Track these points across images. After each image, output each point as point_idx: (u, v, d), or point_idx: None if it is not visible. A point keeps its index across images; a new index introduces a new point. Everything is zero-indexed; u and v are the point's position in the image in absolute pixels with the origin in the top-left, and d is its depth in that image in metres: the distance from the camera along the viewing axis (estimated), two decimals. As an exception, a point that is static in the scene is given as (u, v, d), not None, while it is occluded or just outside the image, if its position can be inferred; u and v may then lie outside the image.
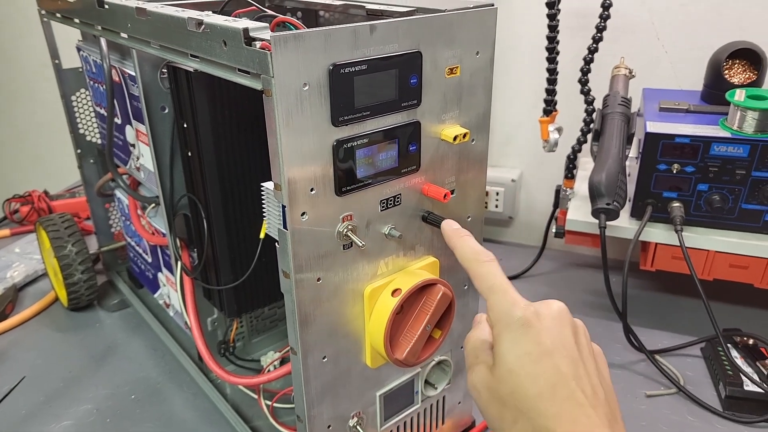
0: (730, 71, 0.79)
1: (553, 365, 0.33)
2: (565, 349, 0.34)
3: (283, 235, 0.42)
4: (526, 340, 0.34)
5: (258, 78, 0.38)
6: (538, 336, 0.34)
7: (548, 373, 0.33)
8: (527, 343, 0.34)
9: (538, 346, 0.33)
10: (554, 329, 0.34)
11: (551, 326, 0.34)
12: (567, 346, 0.34)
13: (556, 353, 0.33)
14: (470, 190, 0.53)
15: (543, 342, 0.34)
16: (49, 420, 0.69)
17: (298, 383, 0.47)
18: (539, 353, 0.33)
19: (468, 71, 0.48)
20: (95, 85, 0.77)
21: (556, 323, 0.35)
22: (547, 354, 0.33)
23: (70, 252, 0.83)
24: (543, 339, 0.34)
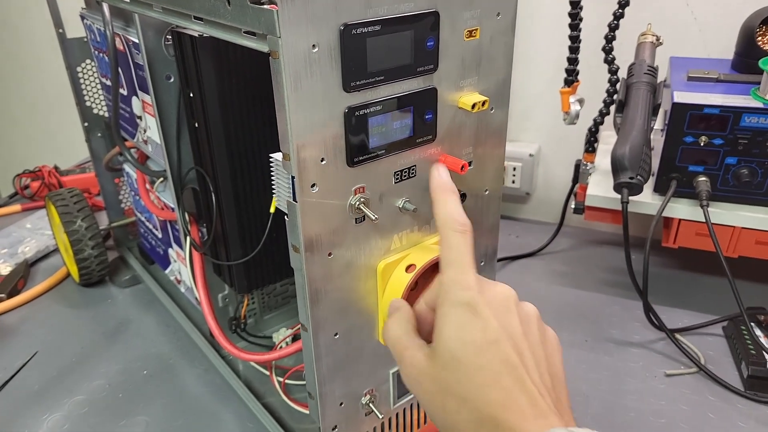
0: (763, 38, 0.74)
1: (498, 354, 0.32)
2: (511, 338, 0.33)
3: (293, 207, 0.40)
4: (472, 327, 0.33)
5: (264, 39, 0.36)
6: (485, 323, 0.33)
7: (493, 362, 0.32)
8: (473, 330, 0.33)
9: (483, 334, 0.33)
10: (501, 316, 0.34)
11: (498, 313, 0.34)
12: (513, 334, 0.33)
13: (502, 342, 0.33)
14: (488, 163, 0.50)
15: (489, 329, 0.33)
16: (61, 395, 0.68)
17: (309, 360, 0.46)
18: (485, 341, 0.32)
19: (488, 34, 0.45)
20: (100, 56, 0.75)
21: (503, 311, 0.34)
22: (493, 342, 0.32)
23: (80, 227, 0.82)
24: (489, 326, 0.33)
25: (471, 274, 0.35)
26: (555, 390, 0.33)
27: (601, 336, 0.75)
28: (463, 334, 0.33)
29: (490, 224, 0.54)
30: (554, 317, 0.79)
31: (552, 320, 0.78)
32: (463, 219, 0.37)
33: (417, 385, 0.35)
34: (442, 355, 0.33)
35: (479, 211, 0.52)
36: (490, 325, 0.33)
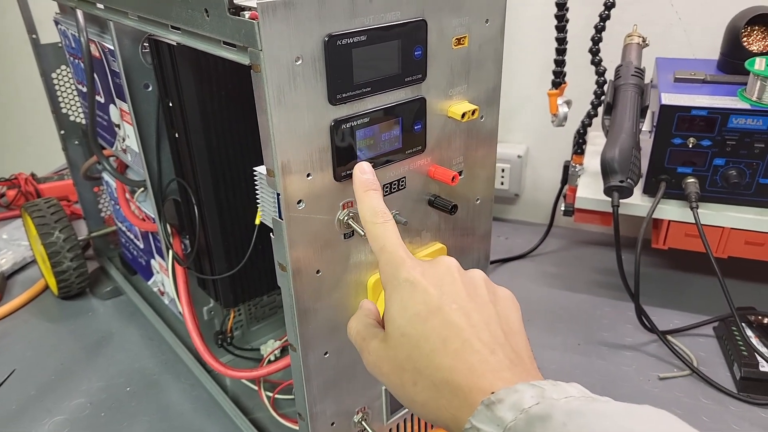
0: (749, 38, 0.74)
1: (443, 319, 0.32)
2: (455, 303, 0.33)
3: (278, 225, 0.39)
4: (413, 301, 0.33)
5: (245, 52, 0.34)
6: (425, 294, 0.33)
7: (439, 327, 0.32)
8: (415, 303, 0.33)
9: (425, 305, 0.33)
10: (443, 285, 0.34)
11: (438, 282, 0.34)
12: (457, 299, 0.33)
13: (445, 307, 0.33)
14: (479, 171, 0.49)
15: (430, 299, 0.33)
16: (41, 415, 0.66)
17: (298, 380, 0.45)
18: (428, 311, 0.33)
19: (477, 41, 0.44)
20: (76, 62, 0.72)
21: (445, 279, 0.34)
22: (436, 310, 0.33)
23: (58, 239, 0.80)
24: (430, 296, 0.33)
25: (403, 254, 0.35)
26: (510, 344, 0.33)
27: (594, 339, 0.75)
28: (406, 309, 0.34)
29: (483, 232, 0.53)
30: (547, 320, 0.79)
31: (545, 323, 0.79)
32: (383, 210, 0.37)
33: (377, 369, 0.35)
34: (392, 334, 0.34)
35: (471, 219, 0.51)
36: (430, 294, 0.33)
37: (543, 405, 0.27)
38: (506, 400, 0.28)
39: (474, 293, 0.34)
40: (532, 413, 0.27)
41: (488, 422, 0.28)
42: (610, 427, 0.25)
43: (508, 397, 0.28)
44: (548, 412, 0.27)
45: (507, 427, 0.27)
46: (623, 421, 0.26)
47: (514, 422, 0.27)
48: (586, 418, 0.26)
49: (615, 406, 0.27)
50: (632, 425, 0.26)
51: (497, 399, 0.28)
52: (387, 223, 0.37)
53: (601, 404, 0.27)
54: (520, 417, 0.27)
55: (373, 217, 0.37)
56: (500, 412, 0.28)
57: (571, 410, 0.26)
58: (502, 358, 0.31)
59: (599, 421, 0.26)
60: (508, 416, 0.27)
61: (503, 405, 0.28)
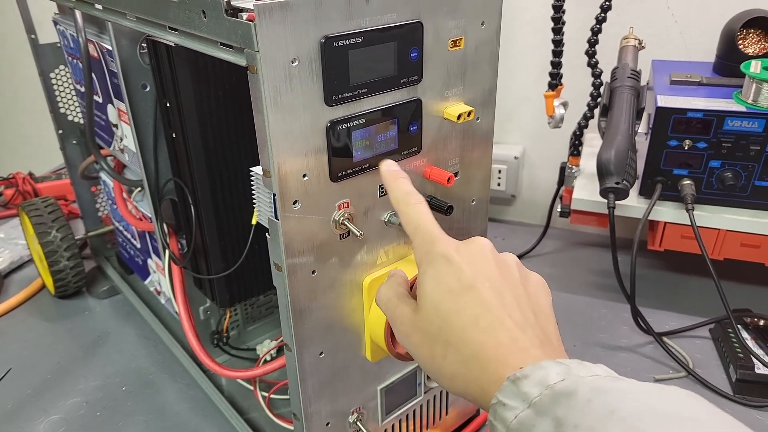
0: (744, 41, 0.75)
1: (475, 297, 0.33)
2: (488, 281, 0.34)
3: (274, 225, 0.39)
4: (448, 276, 0.34)
5: (242, 53, 0.35)
6: (459, 271, 0.34)
7: (471, 304, 0.33)
8: (449, 278, 0.34)
9: (459, 281, 0.34)
10: (476, 263, 0.34)
11: (472, 260, 0.35)
12: (490, 277, 0.34)
13: (478, 285, 0.33)
14: (475, 172, 0.49)
15: (464, 276, 0.34)
16: (36, 414, 0.66)
17: (293, 380, 0.45)
18: (461, 287, 0.34)
19: (473, 43, 0.44)
20: (74, 62, 0.72)
21: (478, 257, 0.35)
22: (469, 287, 0.33)
23: (55, 238, 0.80)
24: (464, 273, 0.34)
25: (438, 232, 0.36)
26: (540, 325, 0.33)
27: (590, 340, 0.75)
28: (440, 283, 0.34)
29: (478, 233, 0.53)
30: (541, 322, 0.79)
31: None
32: (415, 192, 0.38)
33: (408, 339, 0.36)
34: (425, 306, 0.35)
35: (467, 220, 0.51)
36: (464, 271, 0.34)
37: (568, 381, 0.27)
38: (532, 376, 0.28)
39: (507, 273, 0.35)
40: (557, 389, 0.27)
41: (514, 397, 0.28)
42: (634, 404, 0.25)
43: (534, 373, 0.28)
44: (573, 389, 0.27)
45: (532, 402, 0.27)
46: (649, 399, 0.26)
47: (539, 398, 0.27)
48: (611, 395, 0.26)
49: (641, 385, 0.27)
50: (658, 404, 0.25)
51: (523, 375, 0.29)
52: (420, 204, 0.37)
53: (626, 383, 0.27)
54: (546, 393, 0.27)
55: (407, 198, 0.38)
56: (526, 387, 0.28)
57: (596, 387, 0.27)
58: (531, 337, 0.32)
59: (624, 399, 0.26)
60: (534, 391, 0.28)
61: (529, 381, 0.28)
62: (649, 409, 0.25)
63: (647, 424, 0.24)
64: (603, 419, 0.25)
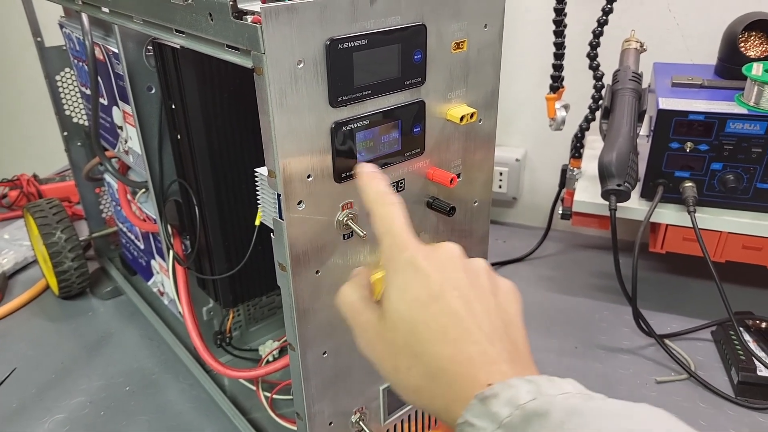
0: (746, 44, 0.75)
1: (443, 306, 0.32)
2: (456, 290, 0.32)
3: (279, 225, 0.39)
4: (414, 285, 0.32)
5: (248, 55, 0.35)
6: (427, 279, 0.32)
7: (438, 315, 0.31)
8: (416, 287, 0.32)
9: (426, 290, 0.32)
10: (444, 271, 0.33)
11: (440, 268, 0.33)
12: (458, 286, 0.33)
13: (446, 294, 0.32)
14: (477, 174, 0.50)
15: (432, 284, 0.32)
16: (41, 414, 0.66)
17: (297, 380, 0.45)
18: (428, 297, 0.32)
19: (476, 46, 0.44)
20: (80, 64, 0.73)
21: (447, 264, 0.33)
22: (437, 297, 0.32)
23: (59, 239, 0.80)
24: (432, 281, 0.32)
25: (407, 237, 0.34)
26: (509, 336, 0.32)
27: (591, 342, 0.75)
28: (407, 292, 0.33)
29: (480, 234, 0.54)
30: (544, 323, 0.79)
31: (541, 327, 0.79)
32: (390, 192, 0.36)
33: (371, 348, 0.34)
34: (390, 316, 0.33)
35: (469, 222, 0.52)
36: (432, 280, 0.32)
37: (539, 401, 0.27)
38: (501, 394, 0.27)
39: (476, 281, 0.34)
40: (528, 409, 0.26)
41: (482, 417, 0.27)
42: (609, 427, 0.25)
43: (503, 392, 0.28)
44: (546, 409, 0.26)
45: (502, 422, 0.26)
46: (623, 421, 0.25)
47: (509, 418, 0.26)
48: (585, 418, 0.25)
49: (613, 404, 0.26)
50: (632, 426, 0.25)
51: (492, 393, 0.28)
52: (395, 206, 0.35)
53: (598, 402, 0.27)
54: (516, 413, 0.26)
55: (381, 198, 0.36)
56: (495, 407, 0.27)
57: (569, 408, 0.26)
58: (500, 350, 0.31)
59: (598, 421, 0.25)
60: (503, 412, 0.27)
61: (498, 400, 0.27)
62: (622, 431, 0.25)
63: None
64: None
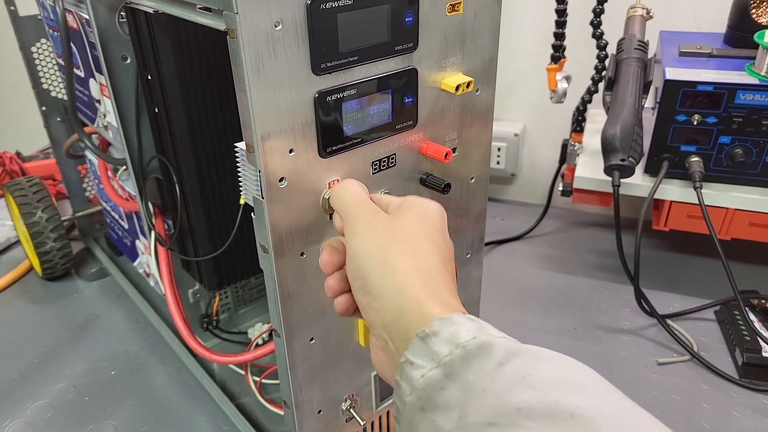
0: (758, 10, 0.71)
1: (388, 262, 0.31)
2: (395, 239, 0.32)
3: (259, 204, 0.36)
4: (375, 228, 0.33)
5: (221, 16, 0.32)
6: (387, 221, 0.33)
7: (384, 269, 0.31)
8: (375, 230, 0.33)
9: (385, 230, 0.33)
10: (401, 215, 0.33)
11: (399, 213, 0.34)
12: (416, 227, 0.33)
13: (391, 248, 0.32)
14: (474, 148, 0.47)
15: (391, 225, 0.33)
16: (23, 399, 0.64)
17: (283, 368, 0.43)
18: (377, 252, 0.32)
19: (472, 8, 0.41)
20: (55, 34, 0.69)
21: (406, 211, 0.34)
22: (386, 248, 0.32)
23: (40, 219, 0.77)
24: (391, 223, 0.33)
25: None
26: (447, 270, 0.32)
27: (591, 323, 0.73)
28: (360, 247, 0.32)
29: (477, 213, 0.51)
30: (543, 303, 0.77)
31: (540, 307, 0.77)
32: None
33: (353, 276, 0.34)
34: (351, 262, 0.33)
35: (465, 200, 0.49)
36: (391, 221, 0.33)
37: (480, 340, 0.26)
38: (442, 332, 0.26)
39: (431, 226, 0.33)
40: (468, 348, 0.25)
41: (422, 355, 0.26)
42: (546, 372, 0.24)
43: (444, 329, 0.27)
44: (486, 349, 0.25)
45: (441, 361, 0.26)
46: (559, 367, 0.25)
47: (449, 357, 0.25)
48: (523, 359, 0.25)
49: (550, 352, 0.26)
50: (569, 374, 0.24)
51: (432, 332, 0.27)
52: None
53: (536, 347, 0.26)
54: (456, 352, 0.26)
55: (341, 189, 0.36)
56: (435, 345, 0.26)
57: (509, 349, 0.25)
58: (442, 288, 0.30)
59: (535, 365, 0.24)
60: (444, 350, 0.26)
61: (438, 338, 0.26)
62: (560, 377, 0.24)
63: (558, 393, 0.23)
64: (513, 385, 0.24)
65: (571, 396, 0.23)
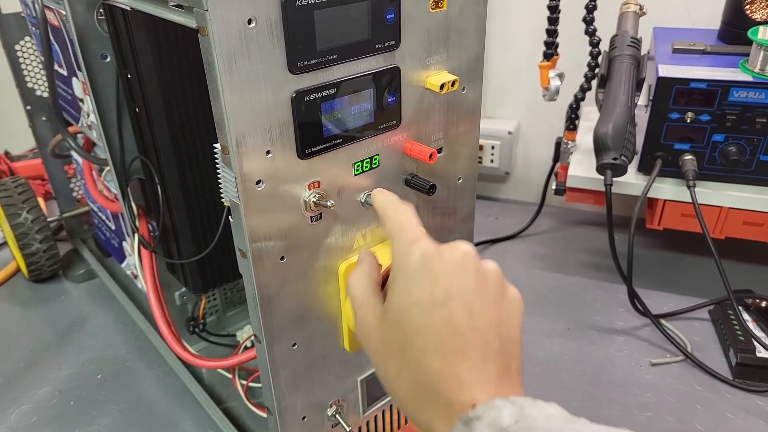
0: (752, 6, 0.70)
1: (443, 317, 0.30)
2: (461, 299, 0.31)
3: (236, 207, 0.35)
4: (419, 286, 0.31)
5: (191, 13, 0.30)
6: (434, 282, 0.31)
7: (437, 325, 0.30)
8: (421, 289, 0.31)
9: (430, 296, 0.31)
10: (453, 275, 0.31)
11: (450, 271, 0.31)
12: (465, 295, 0.31)
13: (450, 303, 0.30)
14: (461, 148, 0.46)
15: (437, 289, 0.31)
16: (7, 404, 0.63)
17: (265, 374, 0.42)
18: (431, 303, 0.31)
19: (457, 5, 0.40)
20: (38, 32, 0.67)
21: (458, 268, 0.32)
22: (440, 304, 0.30)
23: (26, 220, 0.76)
24: (438, 286, 0.31)
25: (420, 233, 0.33)
26: (504, 354, 0.31)
27: (584, 323, 0.72)
28: (411, 294, 0.31)
29: (465, 214, 0.50)
30: (536, 303, 0.76)
31: (533, 307, 0.76)
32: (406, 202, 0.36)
33: (366, 343, 0.34)
34: (390, 315, 0.32)
35: (452, 200, 0.48)
36: (439, 285, 0.31)
37: (522, 424, 0.26)
38: (484, 416, 0.27)
39: (484, 289, 0.32)
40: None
41: None
42: None
43: (486, 413, 0.27)
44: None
45: None
46: None
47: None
48: None
49: (596, 428, 0.26)
50: None
51: (475, 416, 0.27)
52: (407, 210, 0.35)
53: (580, 425, 0.26)
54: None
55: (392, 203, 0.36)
56: (478, 429, 0.27)
57: (551, 430, 0.26)
58: (491, 370, 0.30)
59: None
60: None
61: (481, 422, 0.27)
62: None
63: None
64: None
65: None
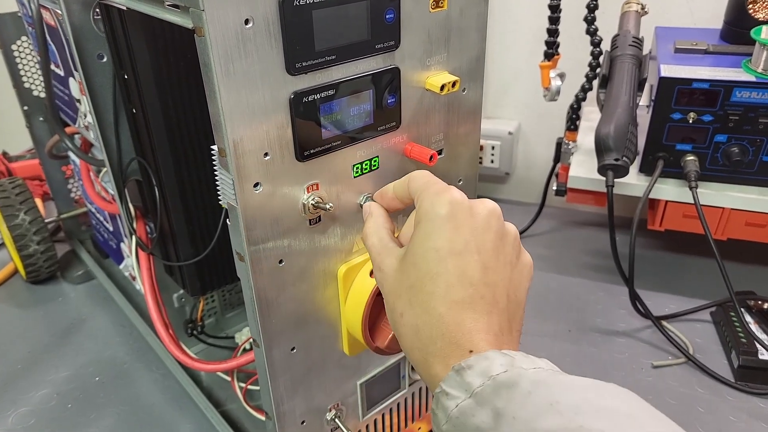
0: (755, 5, 0.69)
1: (458, 266, 0.31)
2: (478, 253, 0.31)
3: (233, 210, 0.35)
4: (440, 233, 0.32)
5: (188, 13, 0.30)
6: (456, 232, 0.32)
7: (451, 273, 0.31)
8: (441, 236, 0.32)
9: (450, 243, 0.31)
10: (476, 229, 0.32)
11: (474, 225, 0.32)
12: (482, 250, 0.32)
13: (466, 254, 0.31)
14: (461, 149, 0.45)
15: (457, 239, 0.31)
16: (5, 406, 0.63)
17: (263, 378, 0.41)
18: (448, 251, 0.31)
19: (457, 5, 0.39)
20: (35, 32, 0.67)
21: (482, 223, 0.32)
22: (457, 254, 0.31)
23: (23, 221, 0.76)
24: (459, 236, 0.31)
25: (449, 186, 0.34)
26: (508, 312, 0.32)
27: (586, 325, 0.72)
28: (431, 238, 0.32)
29: (465, 216, 0.49)
30: (537, 305, 0.75)
31: (534, 308, 0.75)
32: None
33: (380, 284, 0.35)
34: (406, 259, 0.33)
35: (452, 202, 0.47)
36: (460, 235, 0.32)
37: (510, 373, 0.27)
38: (476, 366, 0.28)
39: (501, 249, 0.33)
40: (499, 380, 0.27)
41: (457, 387, 0.28)
42: (573, 398, 0.26)
43: (478, 363, 0.28)
44: (515, 380, 0.27)
45: (474, 392, 0.27)
46: (587, 393, 0.26)
47: (481, 388, 0.27)
48: (551, 388, 0.26)
49: (581, 380, 0.27)
50: (596, 399, 0.26)
51: (467, 365, 0.28)
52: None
53: (567, 377, 0.27)
54: (487, 383, 0.27)
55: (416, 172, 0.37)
56: (469, 377, 0.28)
57: (537, 380, 0.27)
58: (494, 323, 0.31)
59: (563, 392, 0.26)
60: (476, 382, 0.28)
61: (473, 371, 0.28)
62: (587, 403, 0.25)
63: (584, 418, 0.25)
64: (541, 411, 0.25)
65: (596, 421, 0.24)
